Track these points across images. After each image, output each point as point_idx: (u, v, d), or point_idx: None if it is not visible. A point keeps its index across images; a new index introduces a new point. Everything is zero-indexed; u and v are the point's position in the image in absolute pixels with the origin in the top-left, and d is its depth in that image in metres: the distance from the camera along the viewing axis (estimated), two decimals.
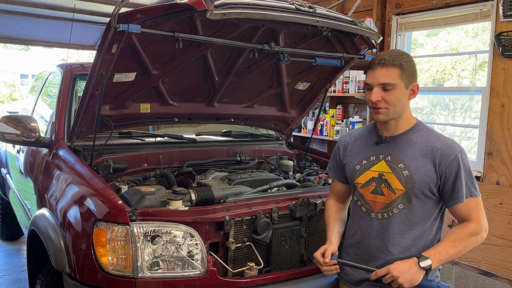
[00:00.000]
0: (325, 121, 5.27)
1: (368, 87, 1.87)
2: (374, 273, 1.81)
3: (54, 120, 2.97)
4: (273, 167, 3.20)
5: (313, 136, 4.26)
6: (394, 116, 1.87)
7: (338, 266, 1.92)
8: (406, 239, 1.87)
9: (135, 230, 1.93)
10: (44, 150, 2.92)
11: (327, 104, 5.40)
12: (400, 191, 1.85)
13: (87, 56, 17.31)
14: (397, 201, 1.86)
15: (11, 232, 5.17)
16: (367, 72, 1.88)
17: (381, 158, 1.92)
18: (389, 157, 1.90)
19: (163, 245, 1.96)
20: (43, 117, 3.49)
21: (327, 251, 1.92)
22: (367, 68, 1.89)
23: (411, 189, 1.84)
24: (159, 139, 3.14)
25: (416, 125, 1.93)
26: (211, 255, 2.09)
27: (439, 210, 1.92)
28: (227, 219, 2.11)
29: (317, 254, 1.94)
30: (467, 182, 1.84)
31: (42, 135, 2.95)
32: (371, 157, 1.95)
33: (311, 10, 2.22)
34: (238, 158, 3.17)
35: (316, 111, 5.21)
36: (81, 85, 3.15)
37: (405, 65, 1.81)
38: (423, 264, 1.76)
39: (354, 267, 1.94)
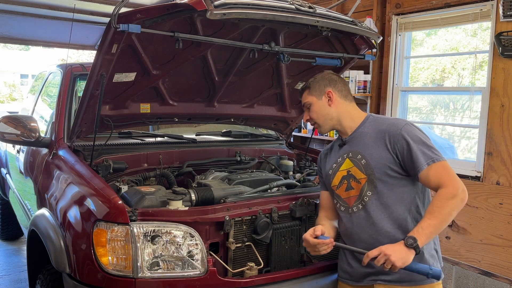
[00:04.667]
0: None
1: None
2: (366, 255, 1.83)
3: (54, 120, 2.97)
4: (273, 167, 3.19)
5: (313, 136, 4.26)
6: (330, 125, 2.12)
7: (331, 244, 1.93)
8: (387, 223, 1.93)
9: (135, 230, 1.93)
10: (44, 150, 2.92)
11: None
12: (364, 179, 1.98)
13: (87, 56, 17.32)
14: (364, 189, 1.97)
15: (11, 232, 5.17)
16: None
17: (345, 157, 2.08)
18: (350, 153, 2.06)
19: (163, 245, 1.97)
20: (43, 117, 3.49)
21: (317, 230, 1.95)
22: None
23: (371, 174, 1.95)
24: (159, 139, 3.14)
25: (365, 119, 2.10)
26: (211, 255, 2.09)
27: (414, 188, 1.96)
28: (227, 219, 2.11)
29: (307, 235, 1.96)
30: (422, 150, 1.88)
31: (42, 135, 2.95)
32: (338, 159, 2.11)
33: (311, 10, 2.22)
34: (238, 158, 3.17)
35: None
36: (81, 85, 3.15)
37: (311, 84, 2.13)
38: (409, 242, 1.78)
39: (347, 250, 2.01)
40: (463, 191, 1.84)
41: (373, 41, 2.72)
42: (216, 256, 2.11)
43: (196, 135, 3.37)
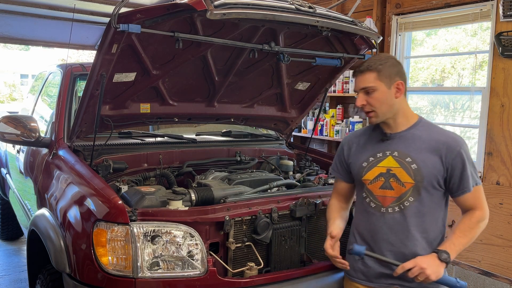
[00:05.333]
0: (325, 121, 5.27)
1: (356, 95, 1.99)
2: (400, 267, 1.83)
3: (54, 120, 2.97)
4: (273, 167, 3.19)
5: (313, 136, 4.26)
6: (386, 117, 1.95)
7: (345, 266, 2.00)
8: (418, 231, 1.92)
9: (135, 230, 1.93)
10: (44, 150, 2.92)
11: (327, 104, 5.40)
12: (410, 184, 1.91)
13: (87, 56, 17.31)
14: (407, 194, 1.92)
15: (11, 232, 5.16)
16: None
17: (388, 154, 1.97)
18: (396, 152, 1.96)
19: (163, 245, 1.96)
20: (43, 117, 3.49)
21: (335, 245, 2.00)
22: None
23: (420, 182, 1.89)
24: (159, 139, 3.14)
25: (418, 121, 2.00)
26: (211, 255, 2.09)
27: (445, 203, 1.99)
28: (227, 219, 2.11)
29: (327, 246, 2.01)
30: (472, 172, 1.91)
31: (42, 135, 2.95)
32: (378, 154, 2.00)
33: (311, 10, 2.22)
34: (238, 158, 3.17)
35: (316, 111, 5.21)
36: (81, 85, 3.15)
37: (382, 68, 1.90)
38: (443, 257, 1.82)
39: (380, 261, 1.94)
40: (488, 216, 1.95)
41: (373, 41, 2.72)
42: (216, 256, 2.11)
43: (196, 135, 3.37)
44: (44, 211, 2.47)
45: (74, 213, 2.17)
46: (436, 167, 1.89)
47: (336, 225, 2.10)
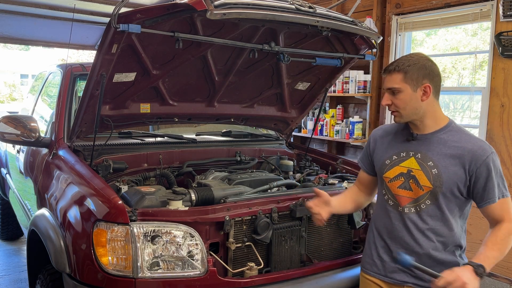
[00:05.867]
0: (325, 121, 5.27)
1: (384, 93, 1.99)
2: (443, 280, 1.75)
3: (54, 120, 2.97)
4: (273, 167, 3.19)
5: (313, 136, 4.26)
6: (411, 118, 1.93)
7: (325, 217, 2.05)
8: (433, 233, 1.91)
9: (135, 230, 1.93)
10: (44, 150, 2.92)
11: (327, 104, 5.40)
12: (428, 188, 1.90)
13: (87, 56, 17.31)
14: (424, 198, 1.91)
15: (11, 232, 5.16)
16: None
17: (411, 155, 1.96)
18: (419, 154, 1.94)
19: (163, 245, 1.96)
20: (43, 117, 3.48)
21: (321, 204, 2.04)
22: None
23: (438, 187, 1.88)
24: (159, 139, 3.14)
25: (447, 125, 1.95)
26: (211, 255, 2.09)
27: (464, 210, 1.96)
28: (227, 219, 2.11)
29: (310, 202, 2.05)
30: (498, 183, 1.87)
31: (42, 135, 2.95)
32: (402, 153, 1.99)
33: (311, 10, 2.22)
34: (238, 158, 3.17)
35: (316, 111, 5.21)
36: (81, 85, 3.15)
37: (409, 69, 1.87)
38: (480, 271, 1.77)
39: (423, 271, 1.88)
40: None
41: (373, 41, 2.72)
42: (216, 256, 2.11)
43: (196, 135, 3.37)
44: (44, 211, 2.47)
45: (74, 213, 2.17)
46: (458, 174, 1.86)
47: (338, 196, 2.13)
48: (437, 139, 1.93)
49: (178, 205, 2.13)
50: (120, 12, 2.03)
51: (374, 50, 2.83)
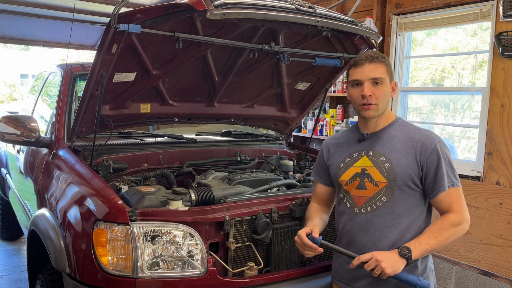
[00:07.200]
0: (325, 121, 5.27)
1: (355, 83, 1.93)
2: (356, 258, 1.79)
3: (54, 120, 2.97)
4: (273, 167, 3.19)
5: (313, 136, 4.26)
6: (380, 112, 1.94)
7: (318, 252, 1.91)
8: (392, 233, 1.87)
9: (135, 230, 1.93)
10: (44, 150, 2.92)
11: (327, 104, 5.40)
12: (383, 184, 1.88)
13: (87, 56, 17.31)
14: (380, 194, 1.89)
15: (11, 232, 5.17)
16: (352, 70, 1.94)
17: (363, 154, 1.97)
18: (370, 152, 1.95)
19: (163, 245, 1.96)
20: (43, 117, 3.49)
21: (315, 232, 1.91)
22: (350, 66, 1.96)
23: (393, 181, 1.87)
24: (159, 139, 3.14)
25: (395, 120, 2.00)
26: (211, 255, 2.09)
27: (424, 205, 1.94)
28: (227, 219, 2.11)
29: (302, 232, 1.91)
30: (447, 172, 1.87)
31: (42, 135, 2.95)
32: (354, 154, 1.99)
33: (311, 10, 2.22)
34: (238, 158, 3.17)
35: (316, 111, 5.21)
36: (81, 85, 3.15)
37: (388, 63, 1.93)
38: (403, 252, 1.76)
39: (336, 251, 1.93)
40: (467, 221, 1.87)
41: (373, 41, 2.72)
42: (216, 256, 2.11)
43: (196, 135, 3.37)
44: (44, 211, 2.47)
45: (74, 213, 2.18)
46: (410, 165, 1.86)
47: (316, 223, 2.03)
48: (387, 134, 1.95)
49: (178, 205, 2.13)
50: (120, 12, 2.03)
51: (374, 50, 2.83)
